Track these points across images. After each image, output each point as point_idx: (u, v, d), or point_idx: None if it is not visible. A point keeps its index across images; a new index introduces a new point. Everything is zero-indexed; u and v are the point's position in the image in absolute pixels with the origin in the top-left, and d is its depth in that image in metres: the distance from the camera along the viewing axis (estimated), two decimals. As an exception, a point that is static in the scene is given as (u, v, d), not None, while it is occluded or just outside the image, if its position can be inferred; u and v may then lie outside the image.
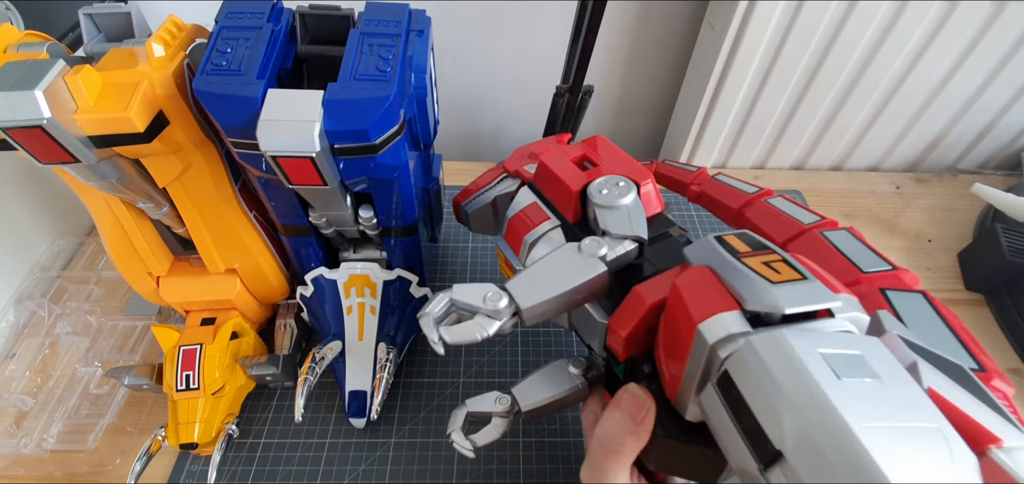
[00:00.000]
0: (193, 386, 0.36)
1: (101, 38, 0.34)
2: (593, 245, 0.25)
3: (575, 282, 0.24)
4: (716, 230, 0.23)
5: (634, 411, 0.23)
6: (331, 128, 0.28)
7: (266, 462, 0.39)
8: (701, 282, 0.20)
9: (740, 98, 0.59)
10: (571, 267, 0.25)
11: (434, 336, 0.24)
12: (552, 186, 0.31)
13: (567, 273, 0.24)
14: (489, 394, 0.32)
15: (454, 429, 0.31)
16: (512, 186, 0.36)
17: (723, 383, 0.17)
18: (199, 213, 0.35)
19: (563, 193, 0.30)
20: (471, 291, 0.24)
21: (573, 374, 0.31)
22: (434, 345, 0.24)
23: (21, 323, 0.46)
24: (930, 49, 0.54)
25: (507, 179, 0.37)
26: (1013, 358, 0.47)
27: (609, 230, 0.26)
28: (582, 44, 0.46)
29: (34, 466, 0.38)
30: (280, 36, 0.31)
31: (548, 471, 0.39)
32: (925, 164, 0.67)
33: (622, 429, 0.23)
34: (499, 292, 0.24)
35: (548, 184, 0.31)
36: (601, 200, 0.28)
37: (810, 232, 0.29)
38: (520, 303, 0.24)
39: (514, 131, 0.75)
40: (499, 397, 0.31)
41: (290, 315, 0.44)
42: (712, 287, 0.20)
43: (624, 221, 0.27)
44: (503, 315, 0.24)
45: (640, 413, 0.23)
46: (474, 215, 0.37)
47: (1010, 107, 0.60)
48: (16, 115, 0.24)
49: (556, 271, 0.25)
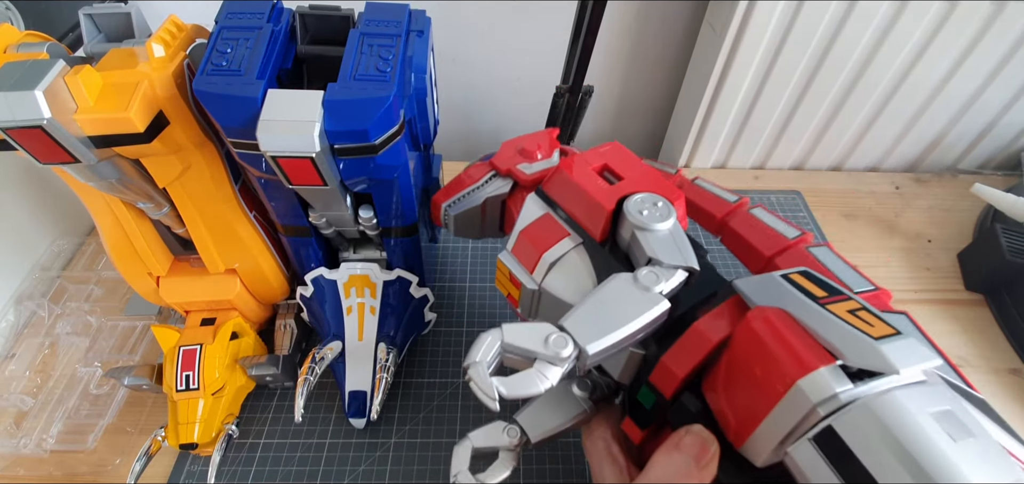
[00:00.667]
0: (193, 386, 0.36)
1: (101, 38, 0.34)
2: (650, 277, 0.23)
3: (640, 321, 0.21)
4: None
5: (698, 455, 0.21)
6: (331, 128, 0.28)
7: (266, 462, 0.39)
8: (785, 329, 0.19)
9: (740, 98, 0.59)
10: (632, 303, 0.22)
11: (491, 392, 0.20)
12: (576, 199, 0.28)
13: (629, 310, 0.22)
14: (494, 424, 0.28)
15: (461, 470, 0.27)
16: (503, 186, 0.33)
17: (824, 439, 0.17)
18: (199, 213, 0.35)
19: (592, 209, 0.27)
20: (526, 333, 0.21)
21: (579, 397, 0.29)
22: (489, 402, 0.20)
23: (21, 323, 0.46)
24: (930, 49, 0.54)
25: (497, 178, 0.34)
26: (1013, 358, 0.47)
27: (660, 258, 0.24)
28: (582, 44, 0.46)
29: (34, 466, 0.38)
30: (280, 36, 0.31)
31: (548, 472, 0.39)
32: (925, 164, 0.67)
33: (684, 472, 0.21)
34: (562, 335, 0.21)
35: (570, 197, 0.28)
36: (642, 222, 0.25)
37: (797, 248, 0.28)
38: (587, 348, 0.20)
39: (514, 131, 0.75)
40: (507, 428, 0.28)
41: (290, 315, 0.44)
42: (799, 336, 0.19)
43: (672, 248, 0.24)
44: (566, 362, 0.20)
45: (705, 457, 0.21)
46: (459, 218, 0.34)
47: (1010, 107, 0.60)
48: (16, 115, 0.24)
49: (616, 308, 0.22)
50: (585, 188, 0.27)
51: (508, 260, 0.29)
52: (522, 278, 0.28)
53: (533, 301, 0.28)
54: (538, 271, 0.27)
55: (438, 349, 0.45)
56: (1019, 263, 0.48)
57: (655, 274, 0.23)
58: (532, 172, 0.34)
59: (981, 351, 0.48)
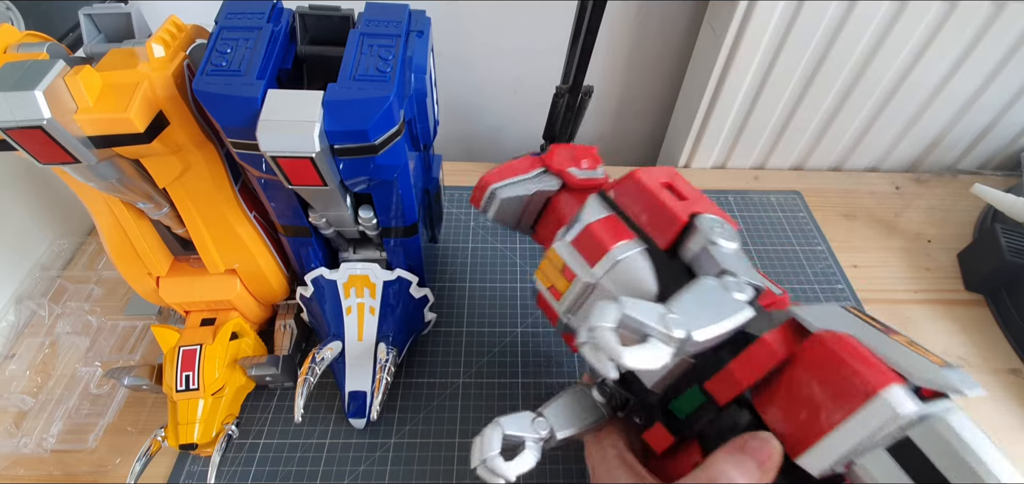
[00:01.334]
0: (193, 386, 0.36)
1: (101, 38, 0.34)
2: (736, 284, 0.24)
3: (734, 322, 0.23)
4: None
5: (763, 459, 0.22)
6: (331, 128, 0.28)
7: (266, 462, 0.39)
8: (859, 347, 0.21)
9: (740, 98, 0.59)
10: (726, 305, 0.23)
11: (618, 355, 0.20)
12: (646, 207, 0.29)
13: (724, 310, 0.23)
14: (523, 414, 0.28)
15: (490, 454, 0.26)
16: (552, 184, 0.34)
17: (902, 449, 0.19)
18: (199, 213, 0.35)
19: (665, 219, 0.28)
20: (644, 309, 0.21)
21: (599, 402, 0.29)
22: (608, 370, 0.20)
23: (21, 323, 0.46)
24: (930, 49, 0.54)
25: (547, 175, 0.35)
26: (1013, 358, 0.47)
27: (735, 272, 0.24)
28: (582, 44, 0.46)
29: (34, 466, 0.38)
30: (280, 36, 0.31)
31: (548, 471, 0.39)
32: (925, 164, 0.67)
33: (747, 473, 0.22)
34: (675, 317, 0.21)
35: (641, 204, 0.29)
36: (714, 237, 0.26)
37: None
38: (694, 334, 0.21)
39: (514, 131, 0.75)
40: (536, 419, 0.28)
41: (290, 315, 0.44)
42: (870, 357, 0.21)
43: (745, 264, 0.26)
44: (675, 344, 0.21)
45: (769, 463, 0.22)
46: (506, 202, 0.34)
47: (1010, 107, 0.60)
48: (16, 115, 0.24)
49: (713, 305, 0.23)
50: (660, 199, 0.28)
51: (565, 251, 0.30)
52: (579, 270, 0.29)
53: (583, 295, 0.29)
54: (601, 266, 0.28)
55: (438, 349, 0.46)
56: (1019, 263, 0.48)
57: (739, 284, 0.24)
58: (582, 177, 0.35)
59: (981, 351, 0.48)
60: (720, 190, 0.62)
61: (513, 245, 0.54)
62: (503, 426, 0.27)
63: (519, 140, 0.76)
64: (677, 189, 0.30)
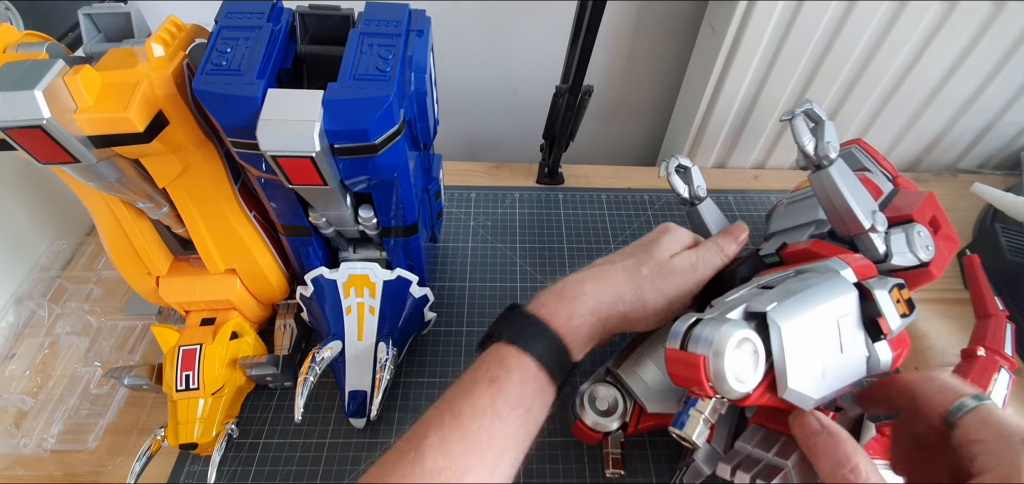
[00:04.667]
0: (193, 386, 0.36)
1: (101, 38, 0.34)
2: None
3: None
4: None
5: (738, 233, 0.40)
6: (331, 128, 0.28)
7: (266, 462, 0.39)
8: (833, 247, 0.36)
9: (740, 98, 0.59)
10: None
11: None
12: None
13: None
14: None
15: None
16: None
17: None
18: (199, 213, 0.35)
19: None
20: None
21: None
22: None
23: (21, 323, 0.46)
24: (929, 49, 0.54)
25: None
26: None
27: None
28: (582, 44, 0.46)
29: (34, 466, 0.38)
30: (280, 36, 0.31)
31: (548, 471, 0.39)
32: (925, 164, 0.67)
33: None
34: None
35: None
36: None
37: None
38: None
39: (514, 131, 0.75)
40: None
41: (290, 315, 0.44)
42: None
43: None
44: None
45: (743, 235, 0.40)
46: (785, 214, 0.45)
47: (1010, 107, 0.60)
48: (16, 115, 0.24)
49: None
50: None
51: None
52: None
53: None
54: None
55: (438, 349, 0.45)
56: (1019, 263, 0.48)
57: None
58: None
59: (981, 351, 0.48)
60: (720, 190, 0.62)
61: (513, 245, 0.54)
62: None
63: (519, 140, 0.76)
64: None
